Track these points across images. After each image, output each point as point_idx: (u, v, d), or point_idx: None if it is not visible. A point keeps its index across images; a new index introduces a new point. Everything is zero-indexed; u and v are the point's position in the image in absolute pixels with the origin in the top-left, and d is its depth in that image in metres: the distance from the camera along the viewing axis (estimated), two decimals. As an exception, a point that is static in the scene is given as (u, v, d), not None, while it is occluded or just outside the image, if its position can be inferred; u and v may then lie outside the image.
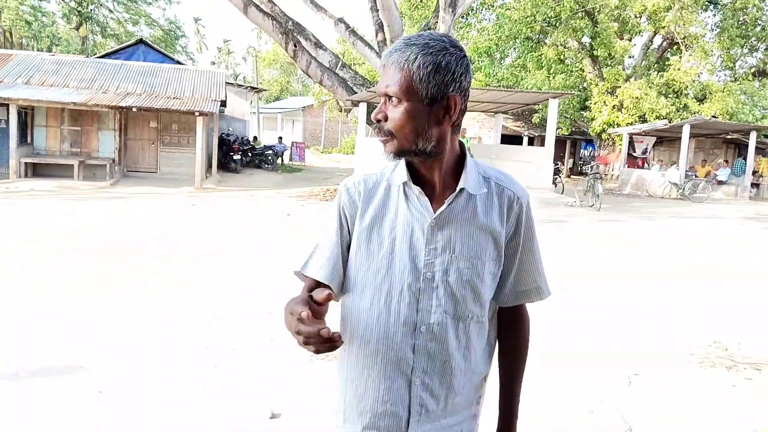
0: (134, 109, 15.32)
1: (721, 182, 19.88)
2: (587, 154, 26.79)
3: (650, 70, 23.82)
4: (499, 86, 23.09)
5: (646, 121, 21.84)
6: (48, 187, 13.63)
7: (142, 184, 15.20)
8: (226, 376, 3.54)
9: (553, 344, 4.16)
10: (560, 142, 25.29)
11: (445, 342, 1.19)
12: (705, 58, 21.38)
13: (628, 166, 21.71)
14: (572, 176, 25.58)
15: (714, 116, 20.60)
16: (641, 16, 23.13)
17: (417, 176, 1.20)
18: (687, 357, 4.18)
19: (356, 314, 1.23)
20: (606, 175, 22.89)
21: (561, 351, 4.12)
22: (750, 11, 22.33)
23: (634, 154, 22.38)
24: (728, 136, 22.39)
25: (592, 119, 23.70)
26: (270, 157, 21.72)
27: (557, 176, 17.63)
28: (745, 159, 20.40)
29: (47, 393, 3.22)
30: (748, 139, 19.70)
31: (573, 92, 22.12)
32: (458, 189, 1.18)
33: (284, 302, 1.12)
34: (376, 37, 15.28)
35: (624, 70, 23.78)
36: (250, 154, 21.13)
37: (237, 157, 19.30)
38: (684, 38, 21.80)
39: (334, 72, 15.13)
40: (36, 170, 15.53)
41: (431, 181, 1.20)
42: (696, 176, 19.27)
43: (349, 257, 1.24)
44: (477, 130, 27.56)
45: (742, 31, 22.81)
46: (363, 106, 15.68)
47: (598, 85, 23.36)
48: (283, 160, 23.97)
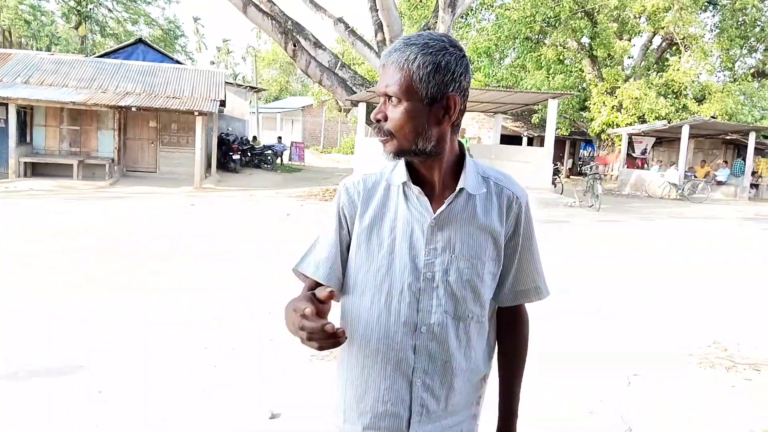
0: (133, 109, 15.32)
1: (720, 183, 19.89)
2: (586, 154, 26.80)
3: (649, 70, 23.81)
4: (499, 86, 23.09)
5: (645, 121, 21.85)
6: (47, 186, 13.62)
7: (141, 183, 15.20)
8: (225, 376, 3.53)
9: (552, 344, 4.16)
10: (559, 143, 25.30)
11: (446, 342, 1.19)
12: (704, 58, 21.39)
13: (628, 167, 21.71)
14: (571, 176, 25.57)
15: (713, 117, 20.61)
16: (640, 17, 23.13)
17: (416, 176, 1.20)
18: (686, 357, 4.19)
19: (356, 314, 1.23)
20: (605, 175, 22.90)
21: (560, 351, 4.12)
22: (749, 12, 22.34)
23: (634, 154, 22.39)
24: (727, 137, 22.40)
25: (592, 119, 23.70)
26: (269, 157, 21.72)
27: (556, 176, 17.63)
28: (744, 159, 20.42)
29: (46, 393, 3.21)
30: (748, 140, 19.72)
31: (572, 92, 22.12)
32: (458, 189, 1.17)
33: (284, 302, 1.12)
34: (376, 37, 15.28)
35: (623, 70, 23.78)
36: (249, 153, 21.12)
37: (236, 156, 19.30)
38: (683, 39, 21.81)
39: (333, 72, 15.12)
40: (35, 170, 15.52)
41: (431, 181, 1.19)
42: (695, 177, 19.28)
43: (348, 257, 1.24)
44: (476, 130, 27.57)
45: (742, 32, 22.82)
46: (362, 106, 15.68)
47: (597, 85, 23.37)
48: (282, 160, 23.97)
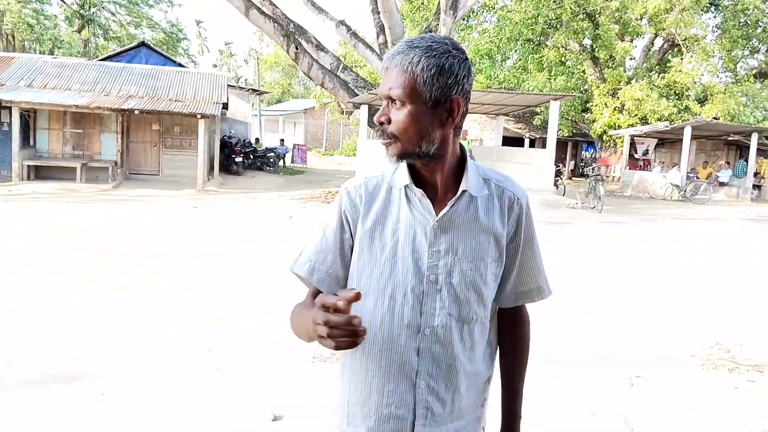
0: (136, 112, 15.35)
1: (722, 184, 19.86)
2: (588, 155, 26.77)
3: (651, 71, 23.81)
4: (501, 88, 23.08)
5: (647, 122, 21.83)
6: (50, 189, 13.65)
7: (144, 186, 15.23)
8: (226, 377, 3.53)
9: (554, 345, 4.15)
10: (561, 144, 25.27)
11: (450, 344, 1.19)
12: (706, 59, 21.37)
13: (630, 168, 21.69)
14: (573, 178, 25.54)
15: (715, 118, 20.58)
16: (642, 18, 23.12)
17: (418, 179, 1.19)
18: (689, 359, 4.18)
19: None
20: (607, 176, 22.86)
21: (562, 352, 4.11)
22: (751, 13, 22.32)
23: (636, 155, 22.37)
24: (729, 138, 22.37)
25: (594, 121, 23.68)
26: (272, 160, 21.74)
27: (558, 178, 17.60)
28: (746, 161, 20.39)
29: (46, 393, 3.22)
30: (750, 141, 19.69)
31: (574, 94, 22.10)
32: (460, 191, 1.17)
33: (284, 302, 1.12)
34: (378, 39, 15.30)
35: (625, 71, 23.78)
36: (251, 156, 21.13)
37: (239, 159, 19.31)
38: (685, 40, 21.80)
39: (335, 74, 15.14)
40: (38, 173, 15.56)
41: (433, 183, 1.19)
42: (697, 178, 19.25)
43: (351, 261, 1.24)
44: (478, 132, 27.56)
45: (744, 33, 22.80)
46: (364, 109, 15.69)
47: (599, 87, 23.36)
48: (284, 162, 23.99)
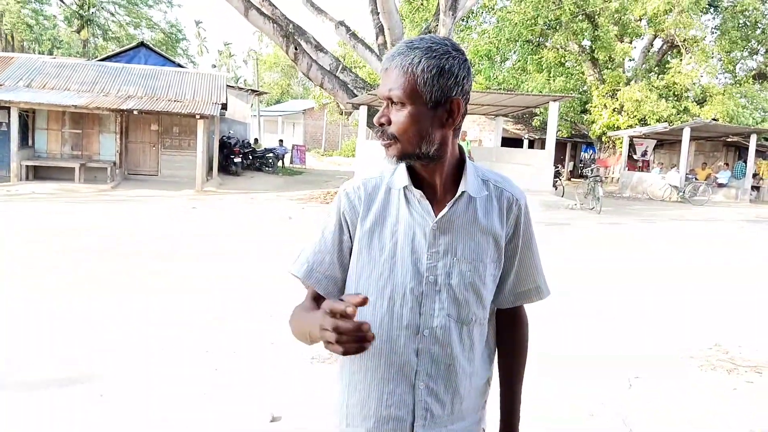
0: (135, 112, 15.34)
1: (721, 185, 19.88)
2: (587, 156, 26.80)
3: (650, 73, 23.84)
4: (500, 89, 23.11)
5: (646, 123, 21.85)
6: (49, 190, 13.64)
7: (142, 187, 15.22)
8: (226, 377, 3.54)
9: (553, 346, 4.15)
10: (560, 145, 25.28)
11: (449, 345, 1.19)
12: (705, 60, 21.40)
13: (629, 169, 21.71)
14: (572, 179, 25.57)
15: (714, 119, 20.61)
16: (641, 20, 23.15)
17: (417, 180, 1.20)
18: (687, 360, 4.18)
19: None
20: (606, 177, 22.88)
21: (561, 353, 4.11)
22: (750, 14, 22.35)
23: (635, 156, 22.39)
24: (728, 139, 22.40)
25: (593, 122, 23.71)
26: (271, 160, 21.74)
27: (557, 179, 17.63)
28: (745, 162, 20.41)
29: (47, 393, 3.22)
30: (749, 142, 19.71)
31: (573, 95, 22.12)
32: (459, 192, 1.17)
33: (284, 302, 1.12)
34: (377, 40, 15.31)
35: (624, 73, 23.80)
36: (250, 157, 21.14)
37: (238, 160, 19.32)
38: (684, 41, 21.83)
39: (334, 75, 15.15)
40: (37, 173, 15.55)
41: (432, 184, 1.19)
42: (696, 179, 19.27)
43: (350, 262, 1.24)
44: (477, 133, 27.58)
45: (743, 34, 22.83)
46: (363, 109, 15.70)
47: (598, 88, 23.38)
48: (283, 163, 23.99)
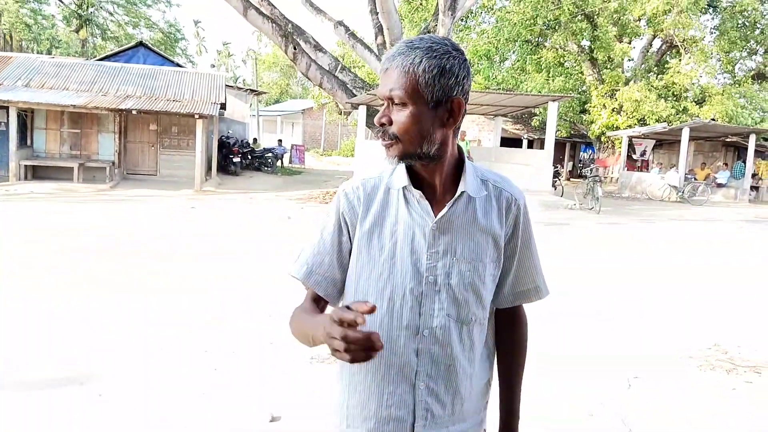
0: (134, 112, 15.32)
1: (720, 185, 19.89)
2: (587, 156, 26.81)
3: (650, 73, 23.84)
4: (499, 89, 23.13)
5: (645, 123, 21.86)
6: (48, 189, 13.63)
7: (141, 186, 15.20)
8: (224, 377, 3.53)
9: (552, 346, 4.15)
10: (560, 145, 25.30)
11: (449, 345, 1.19)
12: (704, 60, 21.41)
13: (628, 169, 21.72)
14: (572, 179, 25.58)
15: (713, 119, 20.62)
16: (640, 20, 23.16)
17: (416, 180, 1.19)
18: (687, 360, 4.18)
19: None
20: (605, 177, 22.89)
21: (560, 353, 4.11)
22: (750, 14, 22.35)
23: (634, 156, 22.40)
24: (727, 139, 22.42)
25: (592, 122, 23.72)
26: (269, 160, 21.73)
27: (557, 179, 17.63)
28: (744, 162, 20.42)
29: (46, 393, 3.21)
30: (748, 142, 19.72)
31: (572, 95, 22.12)
32: (459, 192, 1.17)
33: (284, 302, 1.11)
34: (376, 40, 15.31)
35: (623, 73, 23.81)
36: (249, 156, 21.13)
37: (236, 159, 19.30)
38: (683, 41, 21.84)
39: (333, 75, 15.15)
40: (36, 173, 15.53)
41: (432, 184, 1.19)
42: (695, 179, 19.28)
43: (349, 262, 1.24)
44: (476, 133, 27.58)
45: (742, 34, 22.85)
46: (362, 109, 15.70)
47: (597, 88, 23.39)
48: (282, 162, 23.97)
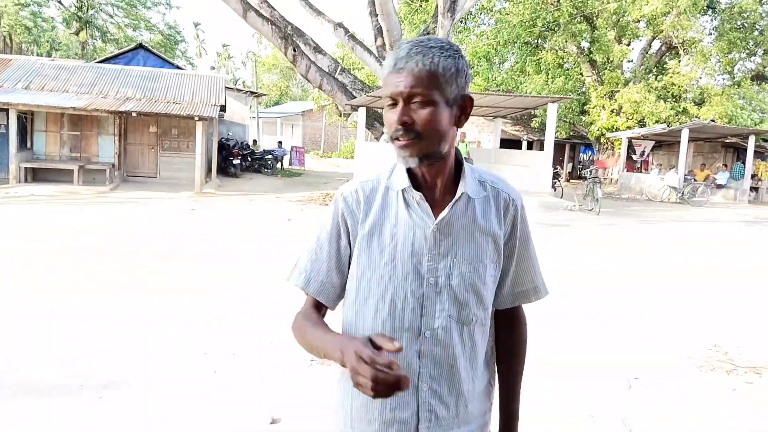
0: (134, 114, 15.33)
1: (719, 186, 19.90)
2: (586, 158, 26.83)
3: (649, 74, 23.86)
4: (498, 91, 23.13)
5: (645, 125, 21.87)
6: (48, 192, 13.62)
7: (141, 188, 15.20)
8: (224, 378, 3.53)
9: (552, 348, 4.15)
10: (559, 146, 25.31)
11: (451, 346, 1.19)
12: (703, 62, 21.43)
13: (627, 170, 21.73)
14: (571, 180, 25.58)
15: (713, 120, 20.63)
16: (640, 21, 23.18)
17: (415, 181, 1.19)
18: (687, 361, 4.18)
19: (360, 323, 1.22)
20: (605, 179, 22.90)
21: (560, 355, 4.11)
22: (749, 15, 22.37)
23: (633, 158, 22.40)
24: (727, 140, 22.41)
25: (591, 123, 23.73)
26: (269, 162, 21.73)
27: (556, 180, 17.63)
28: (743, 163, 20.43)
29: (45, 393, 3.21)
30: (747, 143, 19.73)
31: (572, 96, 22.11)
32: (459, 194, 1.18)
33: (284, 303, 1.11)
34: (375, 41, 15.33)
35: (623, 74, 23.83)
36: (249, 158, 21.13)
37: (236, 161, 19.30)
38: (682, 42, 21.86)
39: (333, 76, 15.16)
40: (36, 175, 15.53)
41: (432, 185, 1.19)
42: (695, 180, 19.29)
43: (350, 266, 1.24)
44: (476, 134, 27.60)
45: (741, 36, 22.86)
46: (362, 111, 15.70)
47: (596, 89, 23.40)
48: (282, 164, 23.98)
